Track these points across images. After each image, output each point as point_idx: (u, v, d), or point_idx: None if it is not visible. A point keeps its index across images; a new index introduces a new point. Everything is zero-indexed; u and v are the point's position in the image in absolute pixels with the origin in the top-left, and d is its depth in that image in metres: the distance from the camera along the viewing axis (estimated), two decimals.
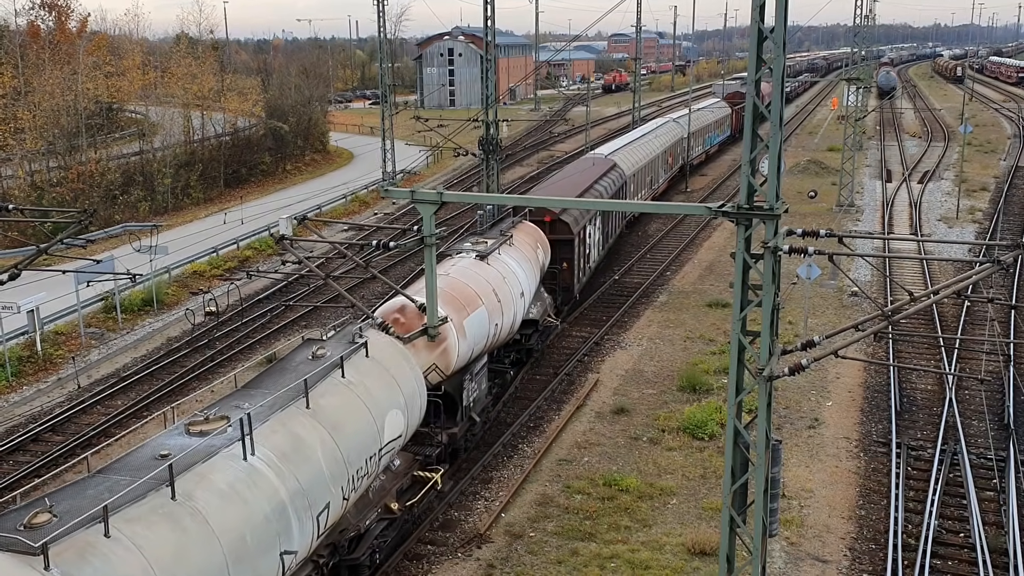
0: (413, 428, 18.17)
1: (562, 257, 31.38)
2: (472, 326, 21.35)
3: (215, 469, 12.75)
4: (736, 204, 12.14)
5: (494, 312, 22.84)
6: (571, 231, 31.39)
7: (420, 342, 19.69)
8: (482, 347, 22.47)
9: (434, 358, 19.88)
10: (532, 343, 28.25)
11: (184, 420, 14.25)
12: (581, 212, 32.82)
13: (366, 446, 15.84)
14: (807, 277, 29.96)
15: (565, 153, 74.73)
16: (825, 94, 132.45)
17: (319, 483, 14.28)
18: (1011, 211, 51.68)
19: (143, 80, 65.87)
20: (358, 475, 15.56)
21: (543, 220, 30.91)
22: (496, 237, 26.75)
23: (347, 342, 17.44)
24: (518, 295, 24.88)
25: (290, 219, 28.79)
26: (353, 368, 16.48)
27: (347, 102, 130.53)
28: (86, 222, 15.69)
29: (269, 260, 43.72)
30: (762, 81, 12.34)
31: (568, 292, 32.19)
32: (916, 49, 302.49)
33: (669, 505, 20.61)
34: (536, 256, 28.10)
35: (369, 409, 16.11)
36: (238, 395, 15.51)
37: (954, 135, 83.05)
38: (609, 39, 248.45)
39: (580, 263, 32.70)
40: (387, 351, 17.80)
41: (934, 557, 18.30)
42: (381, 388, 16.80)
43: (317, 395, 15.29)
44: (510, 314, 24.12)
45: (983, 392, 26.10)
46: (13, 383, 28.37)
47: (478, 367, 22.73)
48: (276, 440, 13.93)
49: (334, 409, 15.37)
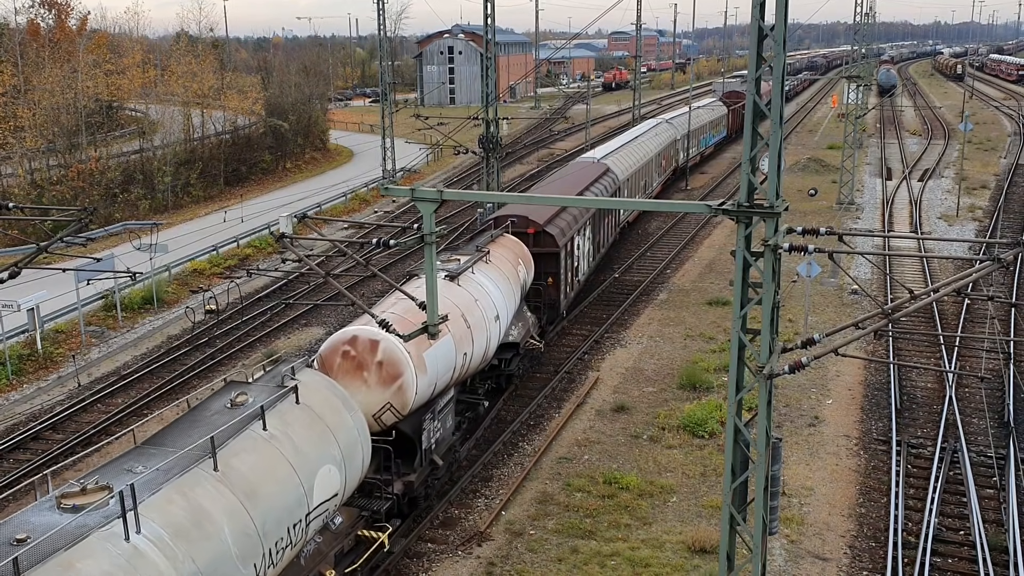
0: (354, 483, 16.02)
1: (547, 272, 29.20)
2: (435, 358, 19.17)
3: (85, 555, 10.40)
4: (736, 202, 12.14)
5: (463, 340, 20.66)
6: (556, 244, 29.27)
7: (372, 378, 18.06)
8: (448, 380, 20.23)
9: (388, 396, 18.09)
10: (512, 368, 25.73)
11: (57, 491, 11.69)
12: (568, 223, 30.97)
13: (289, 512, 13.55)
14: (807, 275, 29.97)
15: (565, 151, 74.71)
16: (825, 92, 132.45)
17: (224, 564, 11.95)
18: (1011, 209, 51.66)
19: (143, 78, 65.88)
20: (277, 547, 13.23)
21: (526, 232, 28.82)
22: (471, 253, 24.59)
23: (275, 385, 15.17)
24: (492, 319, 22.72)
25: (290, 217, 28.84)
26: (278, 418, 14.24)
27: (347, 100, 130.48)
28: (86, 220, 15.64)
29: (269, 258, 43.71)
30: (762, 80, 12.33)
31: (554, 309, 30.09)
32: (916, 47, 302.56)
33: (669, 503, 20.61)
34: (516, 273, 25.86)
35: (295, 468, 13.85)
36: (132, 455, 12.96)
37: (954, 133, 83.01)
38: (609, 37, 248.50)
39: (567, 277, 30.64)
40: (322, 395, 15.61)
41: (934, 555, 18.31)
42: (312, 441, 14.57)
43: (229, 454, 13.01)
44: (482, 341, 21.92)
45: (983, 390, 26.10)
46: (14, 381, 28.38)
47: (443, 403, 20.43)
48: (171, 513, 11.63)
49: (250, 470, 13.09)
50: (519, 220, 28.99)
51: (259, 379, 15.57)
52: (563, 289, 30.13)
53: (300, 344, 31.33)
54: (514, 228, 28.59)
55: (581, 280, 33.64)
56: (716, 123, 72.06)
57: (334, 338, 18.78)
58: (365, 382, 18.06)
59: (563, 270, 29.91)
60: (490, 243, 25.95)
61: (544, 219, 29.51)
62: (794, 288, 34.18)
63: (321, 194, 56.59)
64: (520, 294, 26.19)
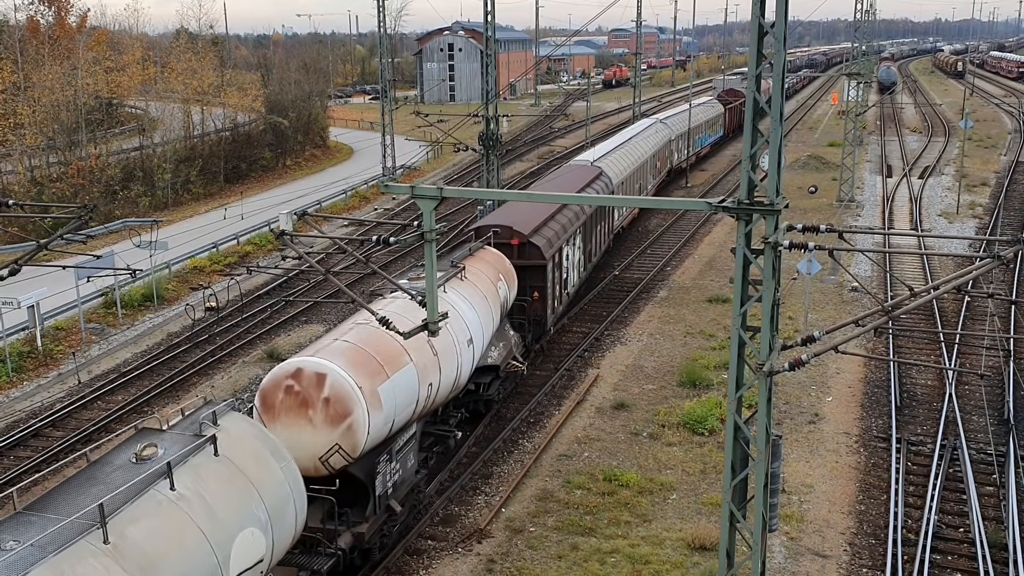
0: (285, 544, 14.01)
1: (532, 286, 27.06)
2: (392, 392, 17.12)
3: None
4: (736, 199, 12.13)
5: (427, 370, 18.58)
6: (543, 256, 27.06)
7: (318, 416, 16.03)
8: (409, 415, 18.19)
9: (336, 437, 16.04)
10: (491, 393, 23.81)
11: None
12: (557, 232, 28.94)
13: None
14: (807, 272, 29.97)
15: (565, 148, 74.71)
16: (826, 89, 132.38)
17: None
18: (1011, 206, 51.65)
19: (143, 75, 65.90)
20: None
21: (510, 244, 26.60)
22: (445, 269, 22.44)
23: (192, 435, 13.12)
24: (464, 343, 20.67)
25: (290, 214, 28.75)
26: (191, 475, 12.27)
27: (347, 97, 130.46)
28: (86, 218, 15.59)
29: (269, 255, 43.74)
30: (762, 77, 12.32)
31: (540, 326, 27.96)
32: (917, 44, 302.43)
33: (669, 500, 20.62)
34: (496, 290, 23.73)
35: (207, 534, 11.94)
36: (7, 525, 11.11)
37: (954, 130, 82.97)
38: (609, 34, 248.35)
39: (555, 291, 28.62)
40: (246, 445, 13.49)
41: (934, 552, 18.32)
42: (231, 500, 12.60)
43: (125, 521, 11.12)
44: (452, 368, 19.86)
45: (983, 387, 26.11)
46: (13, 378, 28.39)
47: (402, 440, 18.39)
48: None
49: (149, 540, 11.20)
50: (502, 230, 26.80)
51: (175, 426, 13.46)
52: (550, 304, 28.16)
53: (299, 342, 31.32)
54: (496, 239, 26.48)
55: (570, 293, 31.55)
56: (712, 122, 70.69)
57: (276, 371, 16.69)
58: (310, 421, 16.10)
59: (550, 284, 27.93)
60: (467, 257, 23.87)
61: (530, 229, 27.36)
62: (794, 285, 34.19)
63: (321, 191, 56.57)
64: (501, 312, 24.21)
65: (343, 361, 16.59)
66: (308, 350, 17.52)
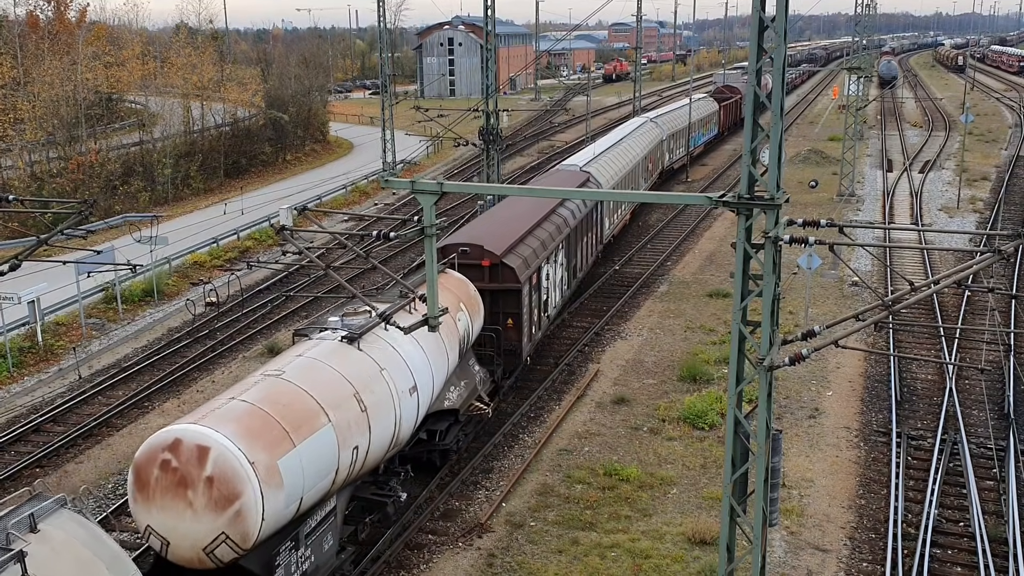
0: None
1: (506, 312, 24.32)
2: (299, 465, 14.07)
3: None
4: (737, 194, 12.12)
5: (352, 430, 15.46)
6: (518, 279, 24.12)
7: (199, 499, 13.13)
8: (325, 489, 15.02)
9: (223, 525, 13.14)
10: (448, 442, 20.65)
11: None
12: (535, 250, 26.25)
13: None
14: (808, 267, 29.94)
15: (565, 143, 74.65)
16: (826, 83, 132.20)
17: None
18: (1012, 200, 51.63)
19: (143, 70, 65.79)
20: None
21: (479, 265, 23.66)
22: (392, 300, 19.38)
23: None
24: (406, 391, 17.46)
25: (290, 209, 28.75)
26: None
27: (347, 92, 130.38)
28: (86, 213, 15.62)
29: (269, 250, 43.73)
30: (762, 71, 12.31)
31: (514, 356, 24.93)
32: (917, 38, 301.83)
33: (669, 495, 20.65)
34: (454, 324, 20.61)
35: None
36: None
37: (955, 124, 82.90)
38: (610, 28, 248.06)
39: (532, 316, 25.73)
40: (72, 556, 10.35)
41: (934, 546, 18.34)
42: None
43: None
44: (387, 424, 16.71)
45: (983, 382, 26.12)
46: (14, 374, 28.41)
47: (316, 520, 15.36)
48: None
49: None
50: (471, 250, 23.89)
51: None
52: (526, 331, 25.18)
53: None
54: (463, 260, 23.59)
55: (551, 316, 28.86)
56: (706, 120, 68.61)
57: (152, 441, 13.58)
58: (190, 505, 13.15)
59: (526, 309, 24.99)
60: (422, 284, 19.95)
61: (503, 248, 24.41)
62: (794, 280, 34.18)
63: (321, 186, 56.56)
64: (461, 347, 21.24)
65: (233, 429, 13.51)
66: (195, 413, 14.35)
